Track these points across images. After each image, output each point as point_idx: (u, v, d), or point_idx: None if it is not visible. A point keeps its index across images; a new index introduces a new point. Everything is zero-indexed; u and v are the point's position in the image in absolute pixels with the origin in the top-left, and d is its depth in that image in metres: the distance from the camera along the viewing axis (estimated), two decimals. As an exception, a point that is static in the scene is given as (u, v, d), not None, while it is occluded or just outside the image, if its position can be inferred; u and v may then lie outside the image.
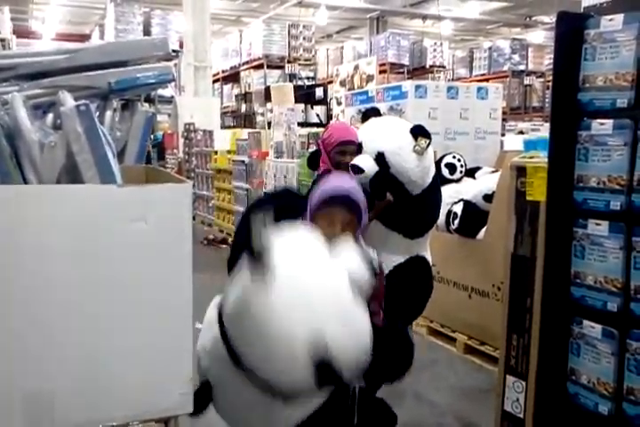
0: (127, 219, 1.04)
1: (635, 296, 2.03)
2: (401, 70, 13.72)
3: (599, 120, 2.13)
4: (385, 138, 2.78)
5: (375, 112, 2.99)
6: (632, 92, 2.03)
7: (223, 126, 12.06)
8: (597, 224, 2.15)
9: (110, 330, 1.04)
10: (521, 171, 2.50)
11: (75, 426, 0.99)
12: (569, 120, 2.23)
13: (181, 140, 10.57)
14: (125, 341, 1.05)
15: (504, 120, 11.51)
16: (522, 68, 14.01)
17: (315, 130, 6.38)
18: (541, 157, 2.45)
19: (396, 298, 2.22)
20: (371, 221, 2.52)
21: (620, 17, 2.06)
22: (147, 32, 12.42)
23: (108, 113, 1.63)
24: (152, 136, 9.25)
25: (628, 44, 2.04)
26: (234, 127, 12.33)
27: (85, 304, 1.02)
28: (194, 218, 10.57)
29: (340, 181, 2.18)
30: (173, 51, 10.72)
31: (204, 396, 1.95)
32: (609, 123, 2.10)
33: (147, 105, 9.85)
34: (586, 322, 2.19)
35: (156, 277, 1.08)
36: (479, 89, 4.57)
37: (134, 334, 1.06)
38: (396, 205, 2.78)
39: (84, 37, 17.33)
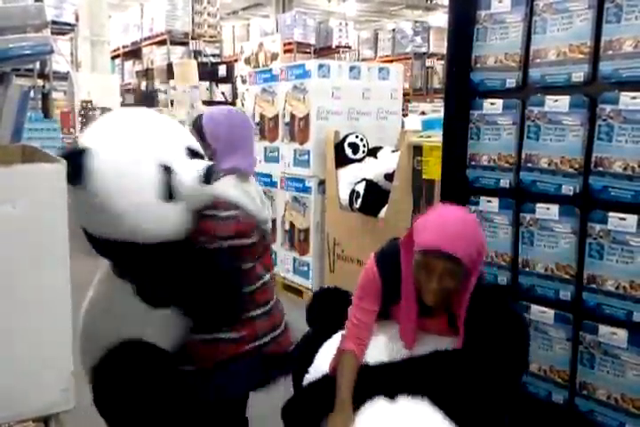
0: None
1: (522, 269, 2.12)
2: (307, 50, 13.65)
3: (490, 100, 2.18)
4: None
5: None
6: (520, 72, 2.09)
7: (124, 104, 11.59)
8: (489, 201, 2.22)
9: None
10: (417, 150, 2.55)
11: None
12: (462, 100, 2.28)
13: (78, 119, 10.08)
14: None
15: (408, 101, 11.73)
16: (424, 50, 14.28)
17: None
18: (438, 137, 2.50)
19: None
20: None
21: (509, -2, 2.11)
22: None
23: (-22, 87, 1.50)
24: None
25: (516, 26, 2.10)
26: (135, 105, 11.87)
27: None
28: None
29: None
30: (68, 24, 10.16)
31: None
32: (499, 102, 2.16)
33: (40, 81, 9.31)
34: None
35: (26, 267, 1.00)
36: (381, 69, 4.59)
37: (6, 331, 0.98)
38: None
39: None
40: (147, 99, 11.77)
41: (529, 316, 2.07)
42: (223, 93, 10.24)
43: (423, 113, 9.72)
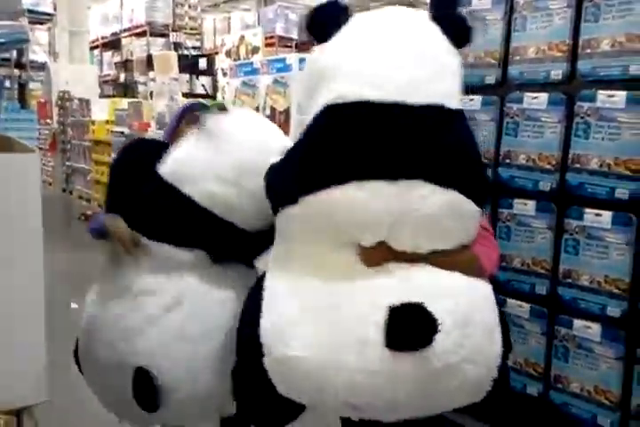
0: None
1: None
2: (289, 44, 13.60)
3: (469, 96, 2.19)
4: None
5: None
6: (499, 69, 2.11)
7: (102, 95, 11.47)
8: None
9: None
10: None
11: None
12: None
13: (55, 110, 9.95)
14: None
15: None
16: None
17: (200, 101, 6.19)
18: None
19: None
20: None
21: (489, -5, 2.12)
22: (16, -9, 11.49)
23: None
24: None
25: (495, 23, 2.11)
26: (114, 97, 11.76)
27: None
28: (70, 192, 10.06)
29: None
30: (46, 14, 10.01)
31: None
32: (477, 99, 2.17)
33: (17, 71, 9.17)
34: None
35: (2, 257, 0.99)
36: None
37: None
38: None
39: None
40: (126, 90, 11.65)
41: (505, 310, 2.09)
42: (203, 86, 10.16)
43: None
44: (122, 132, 7.61)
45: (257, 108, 4.66)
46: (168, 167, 1.69)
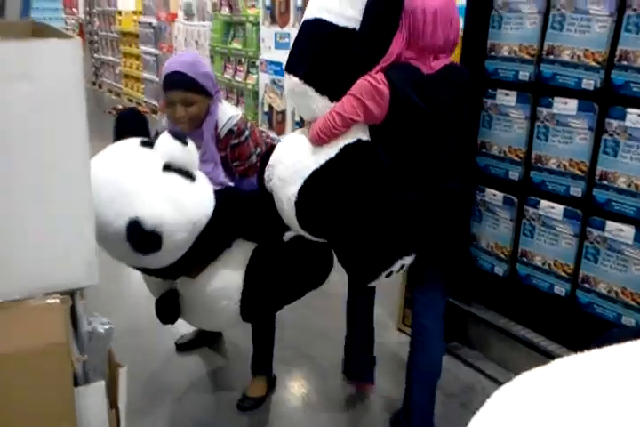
0: (6, 79, 0.93)
1: (534, 165, 2.11)
2: None
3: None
4: None
5: None
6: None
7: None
8: (506, 94, 2.17)
9: (2, 204, 0.97)
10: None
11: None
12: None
13: (80, -1, 9.67)
14: (22, 215, 0.99)
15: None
16: None
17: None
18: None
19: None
20: None
21: None
22: None
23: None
24: None
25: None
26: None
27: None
28: (100, 86, 9.98)
29: (172, 59, 2.10)
30: None
31: (169, 304, 2.04)
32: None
33: (38, -44, 8.80)
34: (488, 190, 2.29)
35: (48, 143, 1.00)
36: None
37: (31, 208, 1.00)
38: None
39: None
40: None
41: (537, 211, 2.10)
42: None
43: None
44: (149, 23, 7.41)
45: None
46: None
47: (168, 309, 2.05)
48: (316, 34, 1.76)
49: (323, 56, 1.76)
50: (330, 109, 1.77)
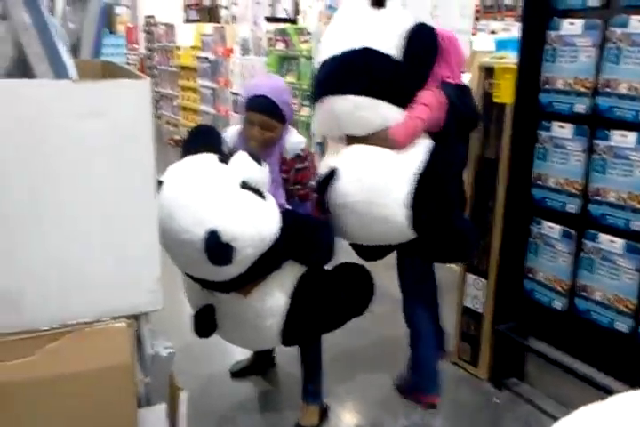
0: (82, 116, 0.99)
1: (592, 198, 2.09)
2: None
3: (569, 20, 2.08)
4: None
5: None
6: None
7: (187, 20, 11.47)
8: (561, 127, 2.17)
9: (74, 231, 1.03)
10: (489, 72, 2.45)
11: (45, 324, 1.01)
12: (539, 20, 2.18)
13: (142, 35, 10.07)
14: (94, 245, 1.04)
15: (476, 19, 11.14)
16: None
17: (282, 26, 6.11)
18: (511, 58, 2.41)
19: None
20: None
21: None
22: None
23: (59, 2, 1.52)
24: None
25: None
26: (198, 21, 11.74)
27: (42, 204, 1.00)
28: (159, 118, 10.32)
29: (259, 81, 2.18)
30: None
31: (207, 318, 2.08)
32: (578, 23, 2.05)
33: (103, -5, 9.24)
34: (545, 223, 2.26)
35: (119, 175, 1.05)
36: (452, -16, 4.38)
37: (100, 235, 1.05)
38: None
39: None
40: (210, 14, 11.56)
41: (596, 245, 2.07)
42: (285, 10, 9.97)
43: (493, 32, 9.22)
44: (207, 58, 7.66)
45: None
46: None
47: (206, 323, 2.09)
48: (364, 58, 1.99)
49: (380, 72, 1.97)
50: (405, 117, 1.98)
